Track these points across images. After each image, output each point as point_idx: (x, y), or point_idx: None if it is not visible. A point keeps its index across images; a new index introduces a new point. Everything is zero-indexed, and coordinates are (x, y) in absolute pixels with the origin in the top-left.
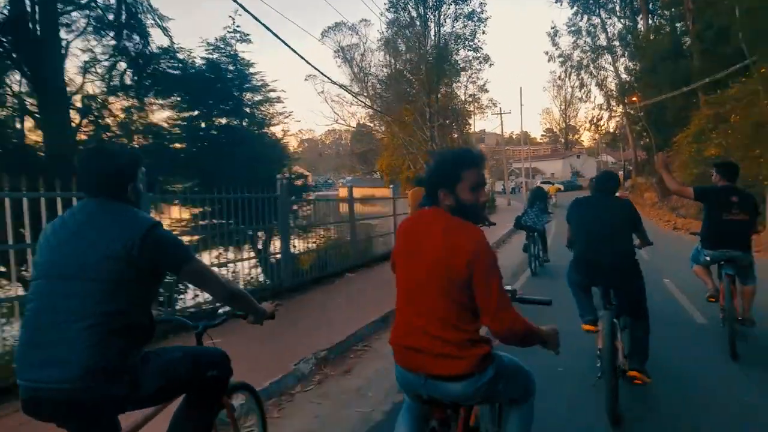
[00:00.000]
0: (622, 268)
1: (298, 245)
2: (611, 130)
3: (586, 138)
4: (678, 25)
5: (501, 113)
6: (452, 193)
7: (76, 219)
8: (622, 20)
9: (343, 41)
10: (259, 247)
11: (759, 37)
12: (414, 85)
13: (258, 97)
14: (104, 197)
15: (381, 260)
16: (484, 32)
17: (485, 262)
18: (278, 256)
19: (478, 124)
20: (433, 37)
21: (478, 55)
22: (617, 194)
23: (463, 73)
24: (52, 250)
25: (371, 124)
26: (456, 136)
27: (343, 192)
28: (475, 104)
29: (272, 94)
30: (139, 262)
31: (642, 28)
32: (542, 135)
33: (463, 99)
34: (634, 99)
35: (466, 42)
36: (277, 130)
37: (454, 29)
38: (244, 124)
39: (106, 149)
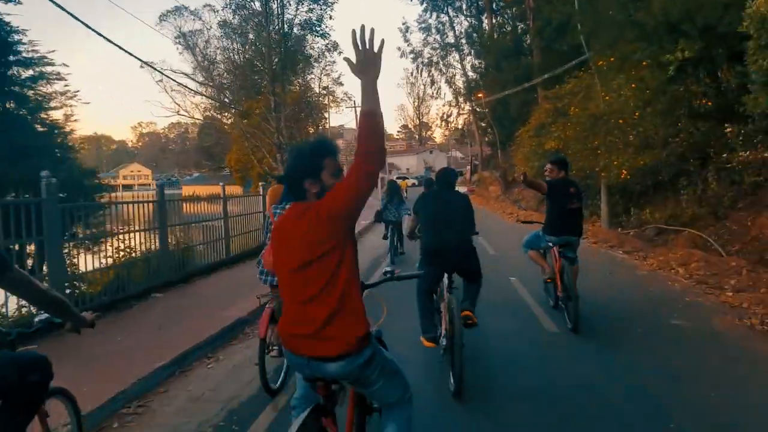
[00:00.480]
0: (465, 250)
1: (86, 262)
2: (460, 127)
3: (438, 134)
4: (519, 25)
5: (355, 107)
6: (318, 181)
7: None
8: (468, 19)
9: (185, 26)
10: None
11: (597, 28)
12: (264, 74)
13: (28, 73)
14: None
15: (205, 273)
16: (331, 17)
17: (333, 190)
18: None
19: (334, 118)
20: (276, 20)
21: (326, 42)
22: (466, 188)
23: (316, 64)
24: None
25: (219, 116)
26: (311, 130)
27: (187, 191)
28: (330, 97)
29: (49, 69)
30: None
31: (487, 27)
32: (398, 131)
33: (317, 92)
34: (480, 95)
35: (313, 27)
36: (58, 115)
37: (298, 12)
38: (10, 106)
39: None
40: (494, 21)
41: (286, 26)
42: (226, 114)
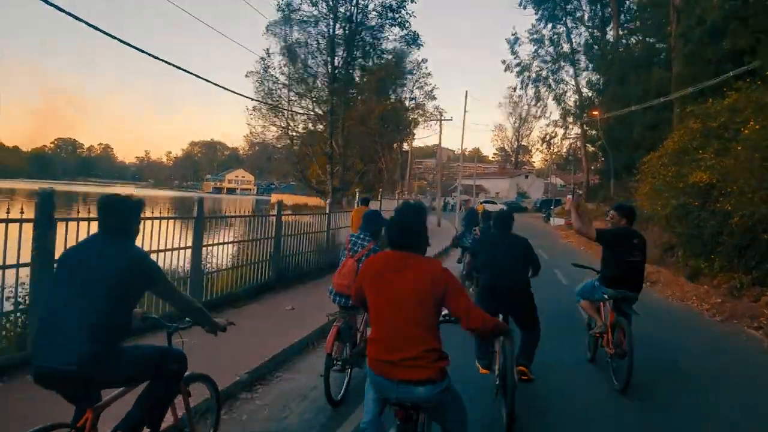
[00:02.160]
0: (519, 293)
1: None
2: (563, 152)
3: (537, 159)
4: (651, 41)
5: (441, 119)
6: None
7: (88, 247)
8: (589, 29)
9: (290, 37)
10: None
11: None
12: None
13: None
14: (111, 232)
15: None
16: (413, 1)
17: (454, 281)
18: None
19: (421, 132)
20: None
21: (405, 32)
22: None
23: (410, 76)
24: (68, 268)
25: (314, 128)
26: (395, 145)
27: (275, 199)
28: (418, 111)
29: None
30: (128, 282)
31: (612, 38)
32: (494, 153)
33: (406, 105)
34: (595, 113)
35: (392, 13)
36: None
37: None
38: None
39: (120, 198)
40: (620, 32)
41: (357, 10)
42: (318, 126)
